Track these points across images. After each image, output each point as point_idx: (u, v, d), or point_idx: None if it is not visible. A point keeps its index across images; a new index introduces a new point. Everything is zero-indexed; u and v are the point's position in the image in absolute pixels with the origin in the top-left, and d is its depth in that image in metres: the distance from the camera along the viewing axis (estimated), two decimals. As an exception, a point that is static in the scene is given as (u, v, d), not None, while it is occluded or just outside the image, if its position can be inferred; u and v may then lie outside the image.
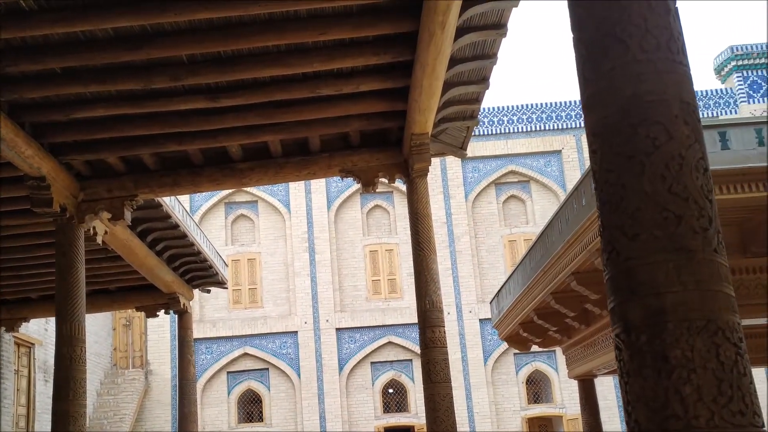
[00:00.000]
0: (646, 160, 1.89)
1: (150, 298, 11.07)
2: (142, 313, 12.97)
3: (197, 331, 17.05)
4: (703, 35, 51.47)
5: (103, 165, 7.09)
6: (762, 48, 20.78)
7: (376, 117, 6.46)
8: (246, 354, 18.97)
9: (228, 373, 18.99)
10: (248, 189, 19.04)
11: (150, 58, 5.42)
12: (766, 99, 20.50)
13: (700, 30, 51.51)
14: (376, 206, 20.11)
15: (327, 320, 19.19)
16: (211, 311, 19.32)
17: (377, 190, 7.07)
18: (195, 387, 11.12)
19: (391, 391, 19.21)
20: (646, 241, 1.90)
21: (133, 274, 9.96)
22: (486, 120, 20.28)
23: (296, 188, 19.63)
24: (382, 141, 6.87)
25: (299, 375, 18.84)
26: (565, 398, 18.82)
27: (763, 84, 20.77)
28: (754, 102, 20.57)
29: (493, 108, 20.59)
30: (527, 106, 20.68)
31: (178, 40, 5.24)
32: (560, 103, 20.61)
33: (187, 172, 7.15)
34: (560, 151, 20.22)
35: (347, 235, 19.94)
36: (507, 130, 20.35)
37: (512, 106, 20.65)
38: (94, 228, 7.18)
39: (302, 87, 5.91)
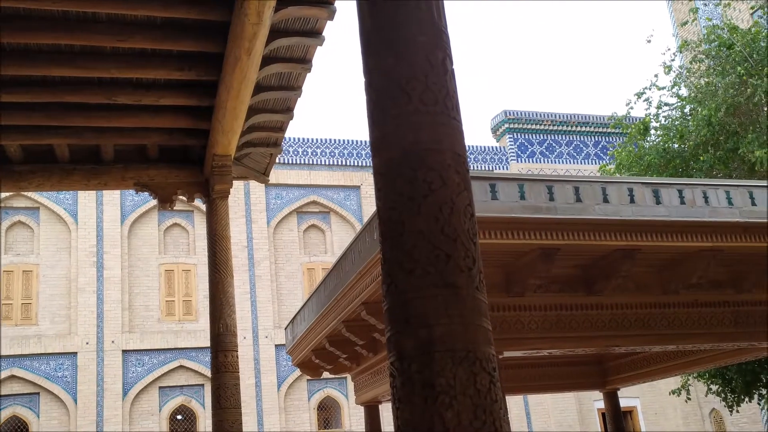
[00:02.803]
0: (423, 202, 2.00)
1: None
2: None
3: (-48, 352, 14.98)
4: (487, 96, 57.49)
5: None
6: (530, 115, 23.76)
7: (178, 133, 6.25)
8: (13, 376, 16.91)
9: (-12, 398, 16.81)
10: (28, 194, 17.23)
11: None
12: (531, 159, 23.42)
13: (484, 91, 57.51)
14: (175, 224, 19.24)
15: (113, 341, 17.81)
16: (-29, 328, 17.03)
17: (177, 208, 6.82)
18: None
19: (179, 417, 18.27)
20: (420, 276, 2.00)
21: None
22: (291, 150, 20.51)
23: (86, 198, 18.14)
24: (182, 158, 6.65)
25: (76, 401, 17.19)
26: (354, 424, 19.27)
27: (529, 146, 23.69)
28: (521, 161, 23.37)
29: (299, 138, 20.95)
30: (331, 140, 21.37)
31: (-48, 25, 4.68)
32: (361, 141, 21.64)
33: (-47, 170, 6.33)
34: (359, 186, 21.08)
35: (141, 252, 18.79)
36: (310, 162, 20.82)
37: (317, 139, 21.20)
38: None
39: (97, 92, 5.55)
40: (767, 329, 6.35)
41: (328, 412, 19.70)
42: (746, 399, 11.73)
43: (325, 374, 10.75)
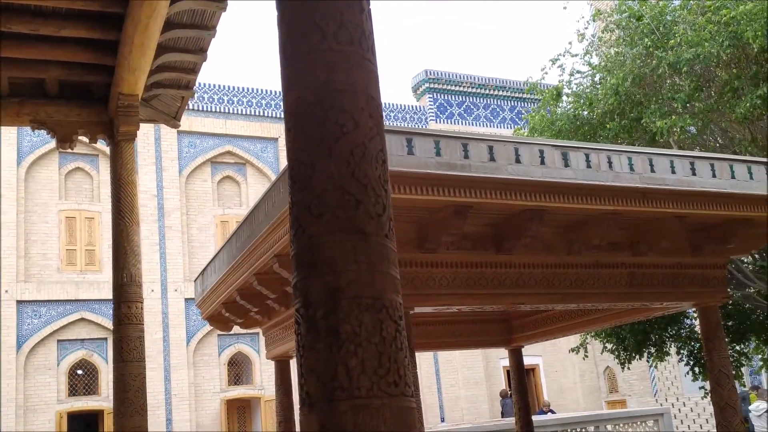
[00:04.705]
0: (334, 145, 1.95)
1: None
2: None
3: None
4: (409, 56, 57.56)
5: None
6: (450, 76, 23.93)
7: (79, 67, 5.85)
8: None
9: None
10: None
11: None
12: (450, 120, 23.73)
13: (407, 50, 57.50)
14: (78, 168, 18.24)
15: (6, 291, 16.89)
16: None
17: (80, 152, 6.45)
18: None
19: (80, 372, 17.68)
20: (328, 221, 1.95)
21: None
22: (206, 96, 19.79)
23: (-22, 137, 16.92)
24: (85, 95, 6.23)
25: (-35, 354, 16.33)
26: (265, 380, 19.26)
27: (448, 107, 23.94)
28: (440, 122, 23.62)
29: (215, 85, 20.20)
30: (248, 89, 20.71)
31: None
32: (280, 92, 21.07)
33: None
34: (277, 139, 20.63)
35: (40, 196, 17.75)
36: (226, 110, 20.14)
37: (234, 87, 20.49)
38: None
39: (-12, 18, 5.10)
40: (659, 290, 6.73)
41: (239, 368, 19.58)
42: (637, 357, 12.52)
43: (237, 330, 10.62)
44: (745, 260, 11.03)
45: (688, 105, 9.84)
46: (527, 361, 11.87)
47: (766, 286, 10.39)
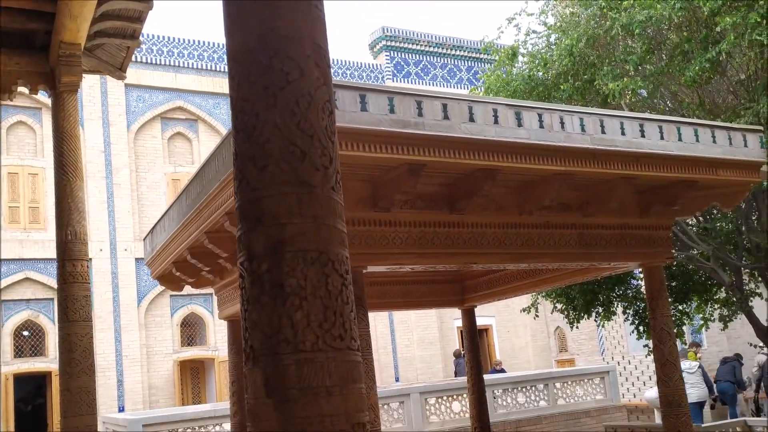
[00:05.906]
0: (279, 94, 1.91)
1: None
2: None
3: None
4: (366, 13, 56.59)
5: None
6: (408, 34, 23.68)
7: (19, 14, 5.55)
8: None
9: None
10: None
11: None
12: (407, 79, 23.55)
13: (364, 8, 56.50)
14: (20, 122, 17.52)
15: (-53, 251, 16.35)
16: None
17: (23, 104, 6.17)
18: None
19: (26, 333, 17.30)
20: (273, 173, 1.92)
21: None
22: (155, 48, 19.10)
23: None
24: (24, 44, 5.94)
25: None
26: (218, 341, 19.20)
27: (405, 66, 23.73)
28: (397, 81, 23.40)
29: (164, 37, 19.47)
30: (199, 42, 20.05)
31: None
32: (231, 43, 20.51)
33: None
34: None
35: (-21, 152, 17.08)
36: (177, 64, 19.45)
37: (184, 40, 19.80)
38: None
39: None
40: (607, 251, 6.89)
41: (192, 329, 19.45)
42: (585, 316, 12.88)
43: (190, 290, 10.48)
44: (690, 222, 11.37)
45: (639, 67, 9.94)
46: (480, 321, 12.11)
47: (709, 247, 10.75)
